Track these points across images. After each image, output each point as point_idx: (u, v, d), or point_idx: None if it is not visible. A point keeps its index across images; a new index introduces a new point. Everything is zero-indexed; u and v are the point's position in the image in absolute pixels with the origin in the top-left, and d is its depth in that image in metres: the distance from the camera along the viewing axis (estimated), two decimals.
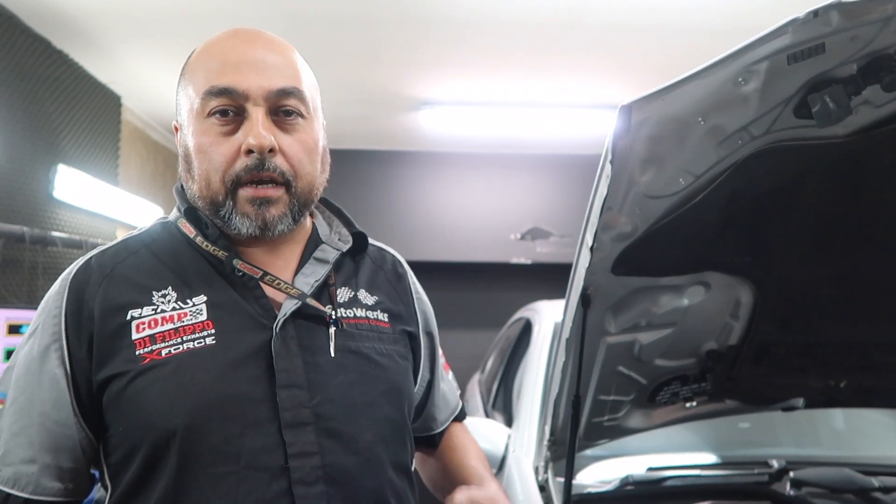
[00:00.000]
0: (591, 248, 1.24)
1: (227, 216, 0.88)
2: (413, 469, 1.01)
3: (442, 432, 1.16)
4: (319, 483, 0.83)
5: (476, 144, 4.99)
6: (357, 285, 1.00)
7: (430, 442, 1.16)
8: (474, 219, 5.14)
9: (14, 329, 2.43)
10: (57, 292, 0.88)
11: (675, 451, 2.03)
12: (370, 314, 0.98)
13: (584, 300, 1.32)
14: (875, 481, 1.71)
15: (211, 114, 0.87)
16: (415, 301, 1.08)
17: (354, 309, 0.96)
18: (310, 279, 0.93)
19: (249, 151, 0.86)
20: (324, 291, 0.95)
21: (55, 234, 3.03)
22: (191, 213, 0.93)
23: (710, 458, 2.06)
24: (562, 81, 3.74)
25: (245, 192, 0.87)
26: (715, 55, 0.97)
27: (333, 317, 0.92)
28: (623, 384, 1.57)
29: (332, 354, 0.89)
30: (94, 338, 0.84)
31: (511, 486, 1.87)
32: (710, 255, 1.34)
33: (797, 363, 1.58)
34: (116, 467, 0.85)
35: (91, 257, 0.91)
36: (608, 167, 1.12)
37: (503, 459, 2.09)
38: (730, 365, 1.55)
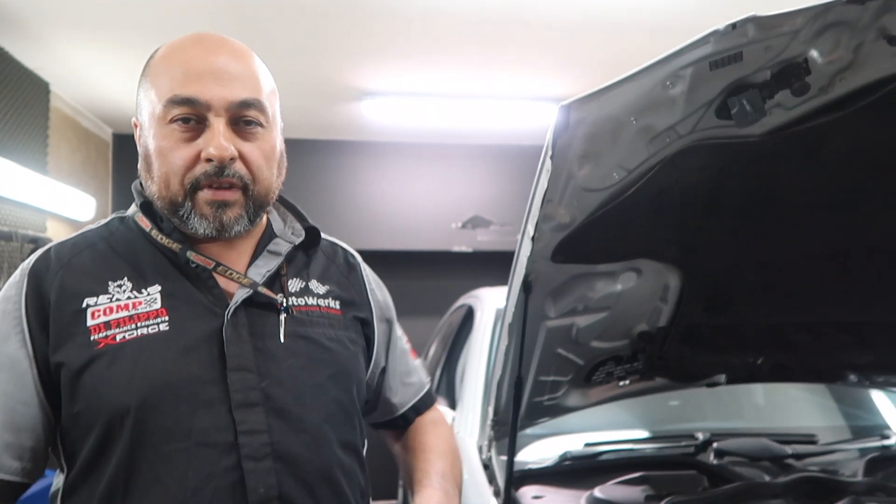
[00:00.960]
0: (533, 238, 1.32)
1: (185, 216, 0.92)
2: (364, 450, 1.06)
3: (404, 415, 1.20)
4: (268, 459, 0.88)
5: (418, 135, 5.04)
6: (308, 276, 1.05)
7: (395, 424, 1.20)
8: (416, 208, 5.19)
9: None
10: (17, 281, 0.91)
11: (612, 429, 2.16)
12: (321, 302, 1.03)
13: (526, 286, 1.40)
14: (789, 449, 1.87)
15: (173, 120, 0.90)
16: (367, 290, 1.13)
17: (306, 297, 1.01)
18: (262, 269, 0.98)
19: (209, 160, 0.90)
20: (276, 282, 0.99)
21: None
22: (147, 207, 0.96)
23: (643, 434, 2.20)
24: (503, 74, 3.82)
25: (204, 195, 0.91)
26: (652, 53, 1.06)
27: (284, 304, 0.97)
28: (562, 365, 1.66)
29: (282, 340, 0.94)
30: (50, 323, 0.88)
31: None
32: (641, 243, 1.45)
33: (720, 343, 1.71)
34: (73, 447, 0.88)
35: (50, 248, 0.95)
36: (548, 162, 1.19)
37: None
38: (659, 345, 1.67)
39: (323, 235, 1.12)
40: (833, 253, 1.48)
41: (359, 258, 1.18)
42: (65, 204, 3.86)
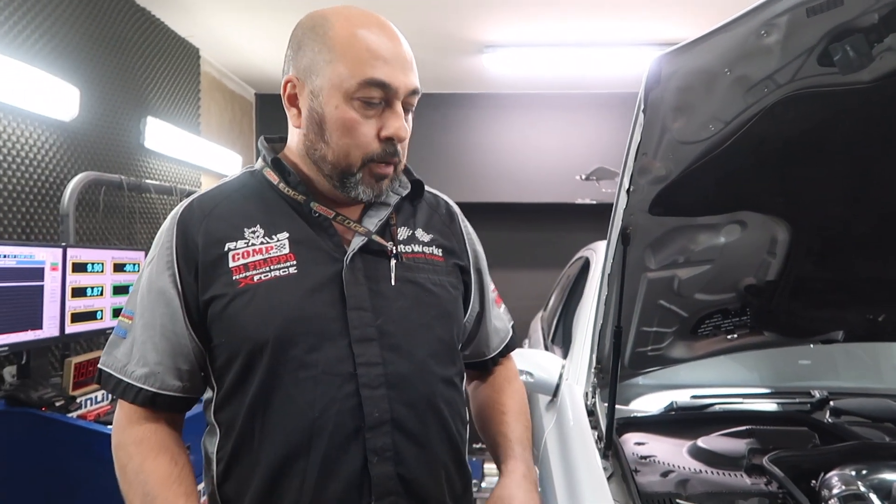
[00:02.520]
0: (629, 191, 1.34)
1: (353, 184, 1.04)
2: (462, 385, 1.17)
3: (494, 358, 1.30)
4: (382, 387, 1.01)
5: (540, 85, 5.00)
6: (415, 225, 1.15)
7: (483, 366, 1.31)
8: (539, 160, 5.18)
9: (119, 267, 2.72)
10: (168, 229, 1.07)
11: (730, 385, 2.13)
12: (426, 249, 1.14)
13: (624, 238, 1.43)
14: None
15: (359, 98, 1.00)
16: (465, 239, 1.23)
17: (412, 245, 1.12)
18: (374, 219, 1.09)
19: (389, 139, 1.02)
20: (386, 230, 1.11)
21: (148, 181, 3.31)
22: (277, 162, 1.09)
23: (757, 390, 2.15)
24: (627, 20, 3.70)
25: (375, 169, 1.03)
26: None
27: (394, 251, 1.08)
28: (665, 317, 1.68)
29: (393, 283, 1.06)
30: (199, 265, 1.03)
31: (563, 410, 2.03)
32: (743, 196, 1.42)
33: (834, 298, 1.64)
34: (220, 371, 1.04)
35: (193, 200, 1.09)
36: (641, 116, 1.21)
37: (557, 387, 2.25)
38: (768, 299, 1.63)
39: (426, 187, 1.22)
40: None
41: (457, 209, 1.27)
42: (215, 160, 4.25)
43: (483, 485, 4.01)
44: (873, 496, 1.30)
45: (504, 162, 5.22)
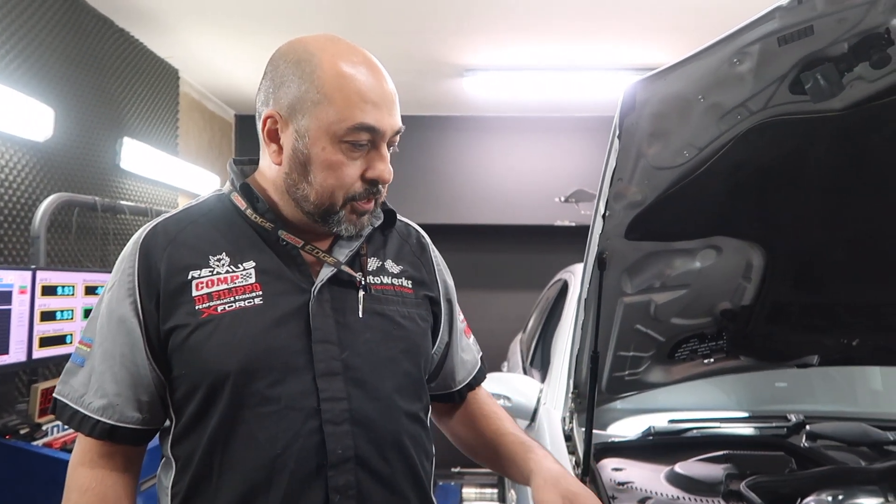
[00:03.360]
0: (604, 216, 1.34)
1: (333, 221, 1.03)
2: (428, 418, 1.15)
3: (461, 391, 1.28)
4: (346, 423, 0.99)
5: (520, 109, 5.04)
6: (385, 255, 1.14)
7: (450, 398, 1.29)
8: (519, 182, 5.21)
9: (91, 290, 2.67)
10: (130, 254, 1.03)
11: (706, 408, 2.13)
12: (395, 281, 1.12)
13: (600, 263, 1.43)
14: (891, 435, 1.78)
15: (348, 141, 0.98)
16: (436, 270, 1.21)
17: (382, 276, 1.11)
18: (345, 250, 1.07)
19: (374, 182, 1.01)
20: (355, 260, 1.09)
21: (123, 202, 3.27)
22: (245, 188, 1.07)
23: (733, 414, 2.15)
24: (606, 44, 3.75)
25: (357, 206, 1.02)
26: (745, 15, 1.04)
27: (363, 282, 1.06)
28: (642, 341, 1.67)
29: (361, 315, 1.04)
30: (160, 294, 1.00)
31: (541, 435, 2.01)
32: (718, 221, 1.43)
33: (810, 322, 1.65)
34: (179, 402, 1.01)
35: (157, 224, 1.06)
36: (616, 142, 1.21)
37: (535, 412, 2.23)
38: (744, 323, 1.64)
39: (398, 216, 1.20)
40: None
41: (428, 240, 1.26)
42: (193, 182, 4.21)
43: None
44: None
45: (484, 184, 5.24)
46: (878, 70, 1.07)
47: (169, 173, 3.92)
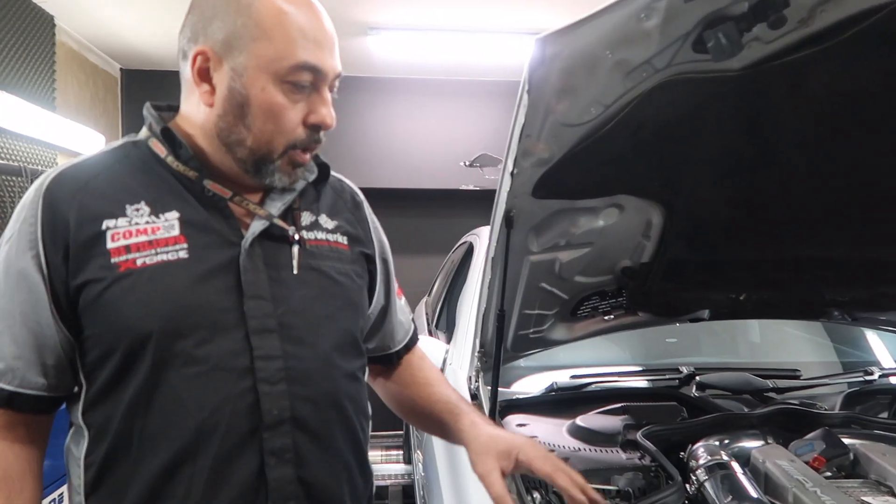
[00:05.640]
0: (512, 174, 1.33)
1: (270, 171, 0.96)
2: (365, 377, 1.12)
3: (398, 352, 1.26)
4: (282, 383, 0.94)
5: (426, 71, 4.97)
6: (319, 210, 1.08)
7: (388, 360, 1.26)
8: (424, 146, 5.17)
9: None
10: (31, 202, 0.92)
11: (606, 364, 2.21)
12: (330, 237, 1.07)
13: (508, 221, 1.43)
14: (770, 383, 1.92)
15: (290, 81, 0.91)
16: (371, 228, 1.17)
17: (316, 232, 1.05)
18: (277, 203, 1.01)
19: (316, 126, 0.95)
20: (288, 215, 1.02)
21: None
22: (167, 133, 0.97)
23: (631, 368, 2.25)
24: (510, 7, 3.74)
25: (295, 156, 0.97)
26: None
27: (297, 237, 1.00)
28: (546, 299, 1.70)
29: (296, 271, 0.99)
30: (70, 245, 0.90)
31: None
32: (622, 179, 1.45)
33: (703, 279, 1.74)
34: (92, 366, 0.92)
35: (64, 169, 0.95)
36: (525, 97, 1.20)
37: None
38: (643, 281, 1.69)
39: (332, 172, 1.14)
40: (815, 189, 1.48)
41: (363, 197, 1.21)
42: (74, 140, 3.89)
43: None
44: (735, 464, 1.38)
45: (388, 147, 5.16)
46: (774, 31, 1.11)
47: (45, 130, 3.60)
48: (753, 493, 1.28)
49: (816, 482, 1.30)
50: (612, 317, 1.83)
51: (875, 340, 2.42)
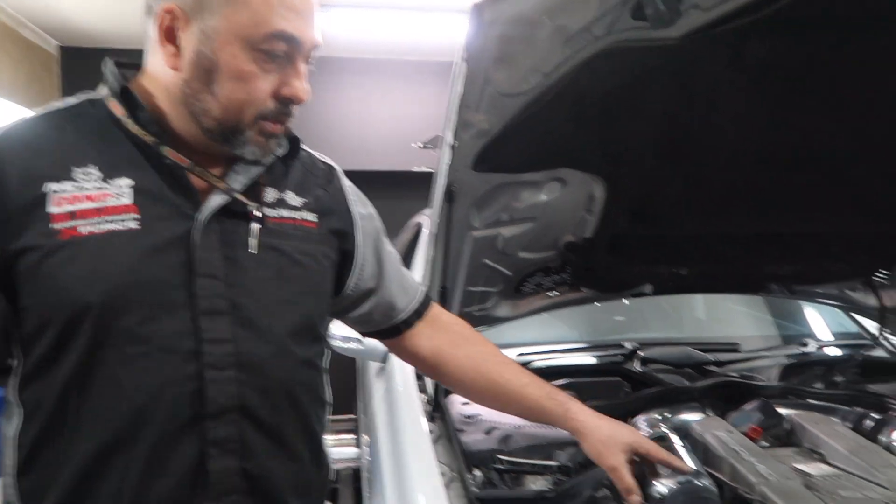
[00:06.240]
0: (452, 146, 1.31)
1: (238, 142, 0.90)
2: (324, 363, 1.05)
3: (407, 320, 1.18)
4: (231, 369, 0.88)
5: (379, 50, 4.90)
6: (285, 187, 1.01)
7: (395, 330, 1.19)
8: (376, 127, 5.10)
9: None
10: None
11: (552, 342, 2.21)
12: (297, 214, 1.00)
13: (449, 196, 1.40)
14: (711, 357, 1.95)
15: (263, 49, 0.86)
16: (348, 201, 1.10)
17: (280, 209, 0.98)
18: (241, 177, 0.94)
19: (288, 99, 0.90)
20: (251, 190, 0.96)
21: None
22: (125, 93, 0.90)
23: (576, 345, 2.26)
24: None
25: (266, 127, 0.91)
26: None
27: (258, 214, 0.94)
28: (490, 276, 1.69)
29: (254, 250, 0.92)
30: (7, 208, 0.83)
31: (392, 377, 1.99)
32: (563, 152, 1.44)
33: (645, 253, 1.74)
34: (28, 339, 0.86)
35: (9, 128, 0.89)
36: (463, 66, 1.17)
37: (387, 353, 2.21)
38: (586, 256, 1.69)
39: (302, 146, 1.08)
40: (756, 163, 1.49)
41: (339, 170, 1.14)
42: (7, 121, 3.72)
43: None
44: (674, 436, 1.39)
45: (340, 128, 5.08)
46: None
47: None
48: (692, 464, 1.29)
49: (752, 451, 1.32)
50: (556, 293, 1.82)
51: (812, 314, 2.48)
